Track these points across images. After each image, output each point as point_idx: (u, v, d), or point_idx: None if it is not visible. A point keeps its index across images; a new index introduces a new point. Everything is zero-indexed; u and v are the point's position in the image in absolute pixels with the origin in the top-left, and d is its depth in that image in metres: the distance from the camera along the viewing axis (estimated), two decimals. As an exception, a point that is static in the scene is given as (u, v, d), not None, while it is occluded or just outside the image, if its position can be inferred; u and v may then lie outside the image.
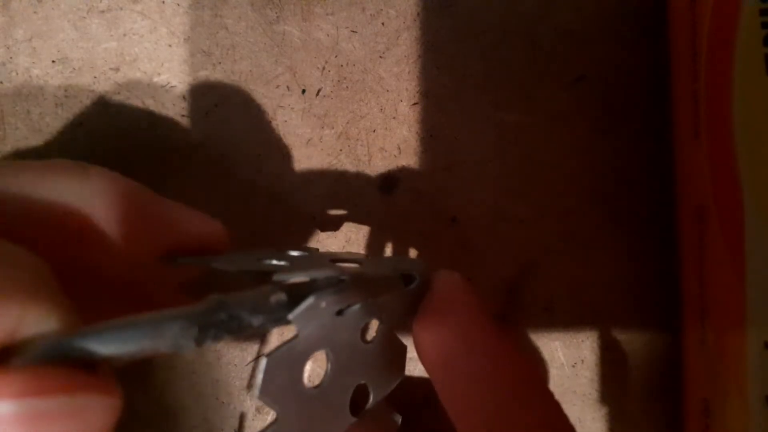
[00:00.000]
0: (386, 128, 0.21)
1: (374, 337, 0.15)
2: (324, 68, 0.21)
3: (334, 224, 0.21)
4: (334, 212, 0.21)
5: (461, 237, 0.21)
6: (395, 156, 0.21)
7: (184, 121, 0.21)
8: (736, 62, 0.18)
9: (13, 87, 0.21)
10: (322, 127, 0.21)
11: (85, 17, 0.21)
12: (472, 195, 0.22)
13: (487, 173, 0.22)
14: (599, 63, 0.22)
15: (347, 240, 0.21)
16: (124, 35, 0.21)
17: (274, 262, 0.15)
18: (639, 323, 0.22)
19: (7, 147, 0.20)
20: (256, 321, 0.11)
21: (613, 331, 0.22)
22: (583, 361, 0.22)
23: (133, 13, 0.21)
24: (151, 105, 0.21)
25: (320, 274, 0.12)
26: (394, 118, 0.21)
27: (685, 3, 0.20)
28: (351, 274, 0.13)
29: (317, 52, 0.21)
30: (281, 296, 0.12)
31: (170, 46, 0.21)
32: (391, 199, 0.21)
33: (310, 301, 0.12)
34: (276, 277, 0.12)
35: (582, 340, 0.22)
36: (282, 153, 0.21)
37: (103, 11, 0.21)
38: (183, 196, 0.21)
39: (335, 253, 0.19)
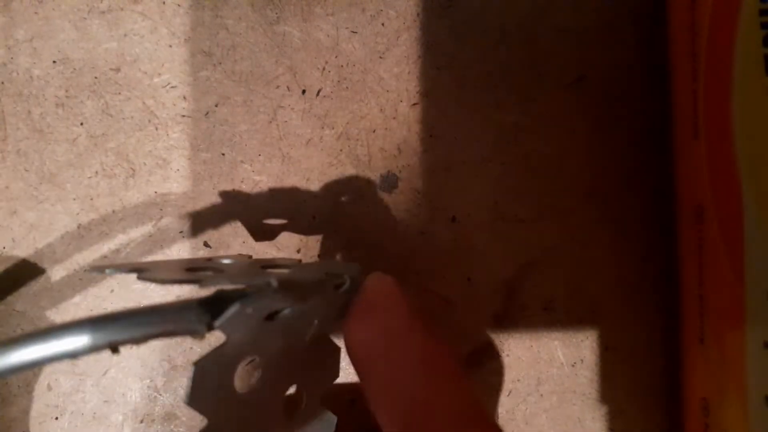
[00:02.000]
0: (386, 128, 0.21)
1: (308, 341, 0.15)
2: (324, 68, 0.21)
3: (334, 224, 0.21)
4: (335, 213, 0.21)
5: (461, 237, 0.22)
6: (395, 156, 0.21)
7: (185, 121, 0.21)
8: (736, 62, 0.18)
9: (14, 87, 0.21)
10: (322, 128, 0.21)
11: (85, 18, 0.21)
12: (472, 195, 0.22)
13: (487, 173, 0.22)
14: (599, 63, 0.22)
15: (347, 240, 0.21)
16: (125, 36, 0.21)
17: (202, 272, 0.15)
18: (638, 323, 0.22)
19: (8, 147, 0.21)
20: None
21: (613, 331, 0.22)
22: (582, 360, 0.22)
23: (133, 14, 0.21)
24: (152, 105, 0.21)
25: (246, 281, 0.13)
26: (394, 118, 0.21)
27: (685, 3, 0.20)
28: (279, 280, 0.13)
29: (317, 52, 0.21)
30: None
31: (171, 46, 0.21)
32: (391, 199, 0.21)
33: (235, 308, 0.12)
34: (202, 285, 0.12)
35: (582, 340, 0.22)
36: (282, 153, 0.21)
37: (103, 12, 0.21)
38: (184, 196, 0.21)
39: (269, 260, 0.19)
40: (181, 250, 0.21)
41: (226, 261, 0.17)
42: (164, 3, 0.21)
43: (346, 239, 0.21)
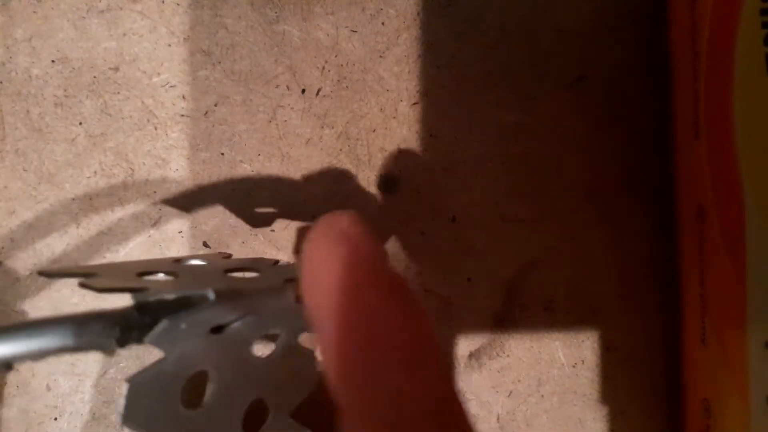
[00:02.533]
0: (386, 128, 0.21)
1: (274, 351, 0.15)
2: (324, 68, 0.21)
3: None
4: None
5: (461, 237, 0.21)
6: (395, 156, 0.21)
7: (184, 121, 0.21)
8: (736, 62, 0.18)
9: (12, 87, 0.21)
10: (322, 127, 0.21)
11: (84, 17, 0.21)
12: (472, 195, 0.22)
13: (487, 173, 0.22)
14: (599, 63, 0.22)
15: (347, 240, 0.21)
16: (124, 35, 0.21)
17: (154, 276, 0.14)
18: (639, 323, 0.22)
19: (7, 147, 0.20)
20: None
21: (614, 331, 0.22)
22: (583, 361, 0.22)
23: (132, 13, 0.21)
24: (151, 105, 0.21)
25: (182, 293, 0.12)
26: (394, 118, 0.21)
27: (685, 3, 0.20)
28: (218, 292, 0.12)
29: (317, 51, 0.21)
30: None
31: (170, 45, 0.21)
32: (391, 199, 0.21)
33: (163, 324, 0.11)
34: (135, 297, 0.11)
35: (582, 340, 0.22)
36: (282, 153, 0.21)
37: (102, 11, 0.21)
38: (184, 196, 0.21)
39: (242, 261, 0.18)
40: (181, 250, 0.21)
41: (195, 262, 0.16)
42: (163, 2, 0.21)
43: (345, 239, 0.21)
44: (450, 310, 0.21)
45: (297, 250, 0.21)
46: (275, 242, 0.21)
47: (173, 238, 0.21)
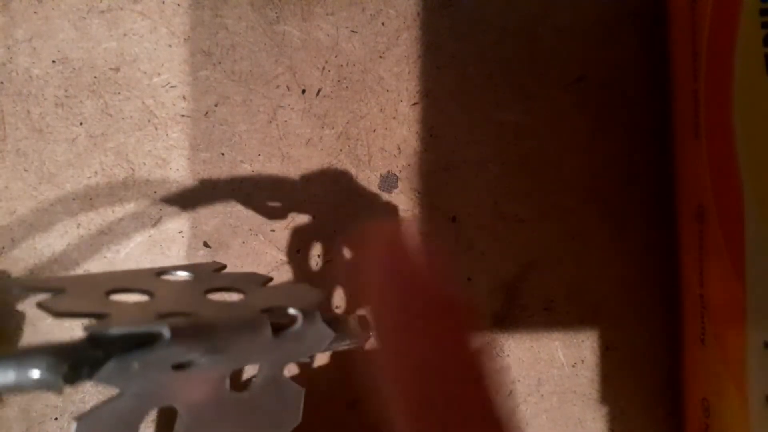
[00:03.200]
0: (386, 128, 0.21)
1: (253, 384, 0.14)
2: (324, 68, 0.21)
3: (334, 224, 0.21)
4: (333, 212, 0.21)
5: (461, 237, 0.21)
6: (395, 156, 0.21)
7: (184, 121, 0.21)
8: (736, 62, 0.18)
9: (13, 87, 0.21)
10: (322, 127, 0.21)
11: (85, 17, 0.21)
12: (472, 195, 0.22)
13: (487, 173, 0.22)
14: (599, 63, 0.22)
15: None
16: (124, 35, 0.21)
17: (126, 296, 0.13)
18: (639, 323, 0.22)
19: (8, 147, 0.21)
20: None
21: (613, 331, 0.22)
22: (583, 361, 0.22)
23: (133, 13, 0.21)
24: (152, 105, 0.21)
25: (136, 328, 0.11)
26: (394, 118, 0.21)
27: (685, 3, 0.20)
28: (174, 329, 0.11)
29: (317, 52, 0.21)
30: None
31: (170, 46, 0.21)
32: (391, 199, 0.21)
33: (111, 364, 0.10)
34: (91, 329, 0.10)
35: (582, 340, 0.22)
36: (282, 153, 0.21)
37: (103, 11, 0.21)
38: (184, 196, 0.21)
39: (230, 277, 0.17)
40: (181, 250, 0.21)
41: (182, 273, 0.15)
42: (164, 2, 0.21)
43: (346, 239, 0.21)
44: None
45: (297, 250, 0.21)
46: (275, 242, 0.21)
47: (173, 238, 0.21)
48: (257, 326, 0.13)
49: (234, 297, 0.15)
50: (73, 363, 0.10)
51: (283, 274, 0.21)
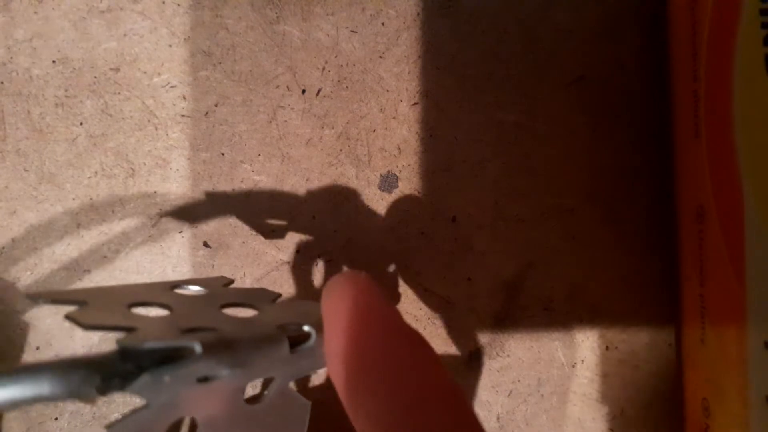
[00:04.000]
0: (386, 128, 0.21)
1: (266, 396, 0.14)
2: (324, 68, 0.21)
3: (333, 225, 0.21)
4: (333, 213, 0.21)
5: (461, 237, 0.21)
6: (395, 156, 0.21)
7: (184, 121, 0.21)
8: (736, 62, 0.18)
9: (13, 87, 0.21)
10: (322, 127, 0.21)
11: (85, 17, 0.21)
12: (472, 195, 0.22)
13: (487, 173, 0.22)
14: (599, 63, 0.22)
15: (348, 240, 0.21)
16: (125, 35, 0.21)
17: (146, 309, 0.13)
18: (639, 323, 0.22)
19: (8, 147, 0.21)
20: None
21: (613, 331, 0.22)
22: (583, 361, 0.22)
23: (133, 14, 0.21)
24: (151, 105, 0.21)
25: (168, 343, 0.11)
26: (394, 118, 0.21)
27: (685, 3, 0.20)
28: (205, 344, 0.12)
29: (317, 52, 0.21)
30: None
31: (170, 46, 0.21)
32: (391, 199, 0.21)
33: (145, 378, 0.11)
34: (121, 342, 0.11)
35: (582, 340, 0.22)
36: (282, 153, 0.21)
37: (103, 11, 0.21)
38: (184, 196, 0.21)
39: (241, 292, 0.17)
40: (181, 250, 0.21)
41: (193, 288, 0.16)
42: (164, 3, 0.21)
43: (346, 239, 0.21)
44: (450, 310, 0.21)
45: (297, 250, 0.21)
46: (276, 242, 0.21)
47: (173, 238, 0.21)
48: (276, 342, 0.13)
49: (247, 312, 0.16)
50: (106, 375, 0.10)
51: (283, 274, 0.21)
